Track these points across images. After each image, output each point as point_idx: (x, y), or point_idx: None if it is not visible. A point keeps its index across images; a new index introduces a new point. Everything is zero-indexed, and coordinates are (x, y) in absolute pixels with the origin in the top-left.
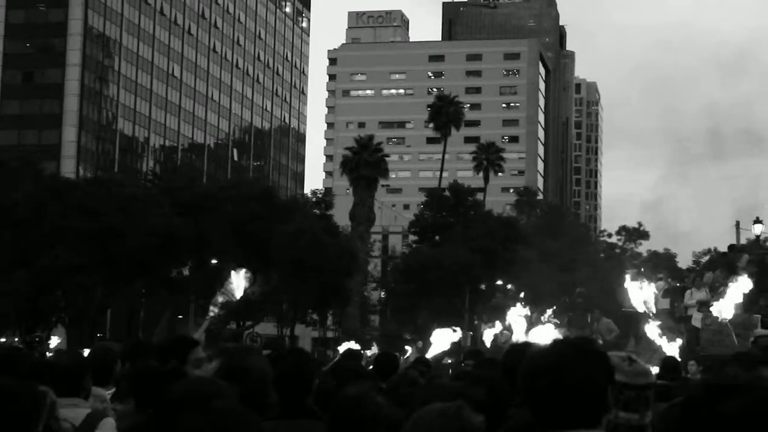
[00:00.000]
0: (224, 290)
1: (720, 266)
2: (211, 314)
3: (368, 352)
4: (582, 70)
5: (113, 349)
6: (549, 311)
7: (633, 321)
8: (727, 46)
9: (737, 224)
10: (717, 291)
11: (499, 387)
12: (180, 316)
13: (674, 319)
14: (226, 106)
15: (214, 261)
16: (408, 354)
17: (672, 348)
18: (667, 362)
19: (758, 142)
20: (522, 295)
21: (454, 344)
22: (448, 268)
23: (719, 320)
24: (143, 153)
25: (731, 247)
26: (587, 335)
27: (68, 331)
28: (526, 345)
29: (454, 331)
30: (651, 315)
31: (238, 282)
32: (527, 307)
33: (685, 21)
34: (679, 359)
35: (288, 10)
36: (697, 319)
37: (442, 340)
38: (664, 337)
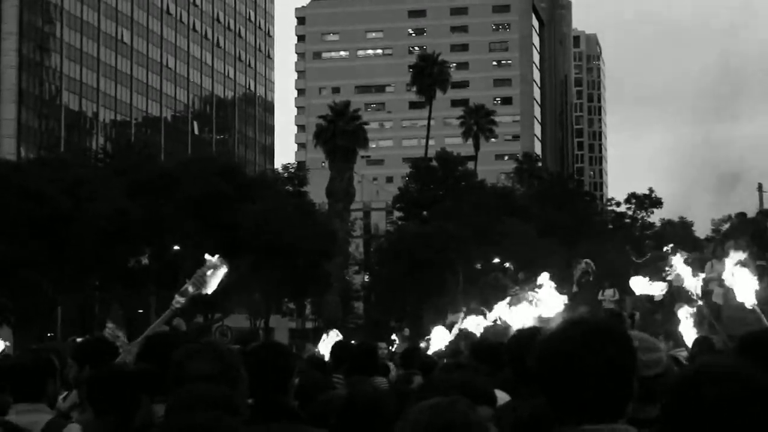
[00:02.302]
0: (196, 279)
1: (743, 234)
2: (177, 305)
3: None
4: (580, 22)
5: (60, 350)
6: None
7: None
8: None
9: (759, 187)
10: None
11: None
12: (140, 311)
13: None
14: (183, 74)
15: (176, 248)
16: (396, 344)
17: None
18: (702, 343)
19: None
20: (521, 274)
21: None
22: (438, 246)
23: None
24: (92, 129)
25: (741, 214)
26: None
27: (15, 332)
28: (535, 329)
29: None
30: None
31: (215, 273)
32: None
33: None
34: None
35: None
36: (718, 295)
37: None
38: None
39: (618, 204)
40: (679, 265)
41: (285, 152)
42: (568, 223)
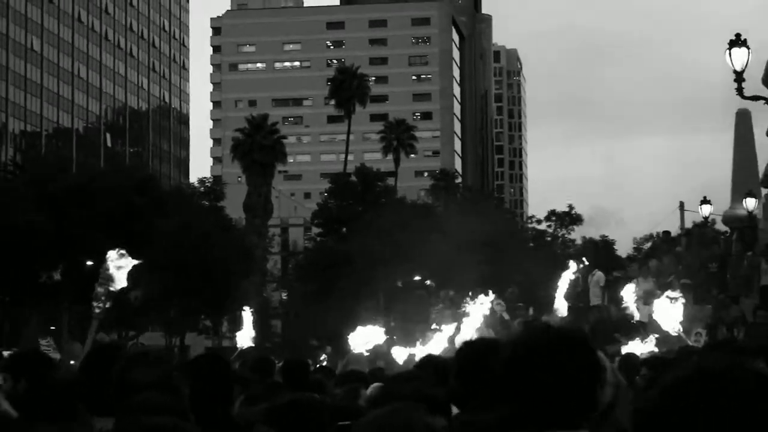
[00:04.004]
0: (101, 278)
1: (667, 252)
2: (97, 311)
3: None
4: (500, 37)
5: None
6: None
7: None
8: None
9: (681, 205)
10: (667, 279)
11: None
12: (52, 327)
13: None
14: (95, 84)
15: (89, 262)
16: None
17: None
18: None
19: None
20: (442, 293)
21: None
22: (358, 263)
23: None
24: (1, 140)
25: (666, 233)
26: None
27: None
28: (486, 341)
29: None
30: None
31: (120, 267)
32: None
33: None
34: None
35: None
36: (644, 313)
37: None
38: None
39: (539, 221)
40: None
41: (200, 166)
42: (489, 241)
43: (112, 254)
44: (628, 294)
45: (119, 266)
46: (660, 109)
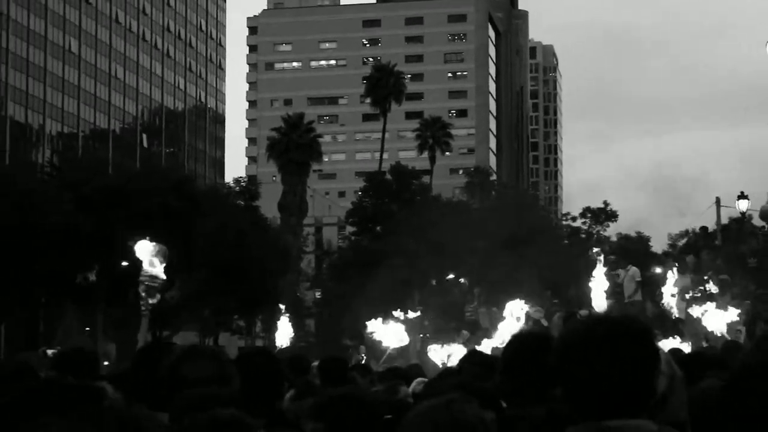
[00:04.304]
0: (143, 276)
1: (704, 247)
2: (144, 310)
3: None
4: (537, 32)
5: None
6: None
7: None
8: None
9: (717, 201)
10: (704, 275)
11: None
12: (87, 328)
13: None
14: (132, 85)
15: (124, 263)
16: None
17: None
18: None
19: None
20: (476, 290)
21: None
22: (394, 262)
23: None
24: (38, 142)
25: (703, 228)
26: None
27: None
28: (530, 334)
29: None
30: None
31: (149, 258)
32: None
33: None
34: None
35: None
36: (681, 309)
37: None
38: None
39: (573, 219)
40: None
41: (236, 166)
42: (524, 239)
43: (142, 246)
44: (667, 290)
45: (154, 264)
46: (696, 104)
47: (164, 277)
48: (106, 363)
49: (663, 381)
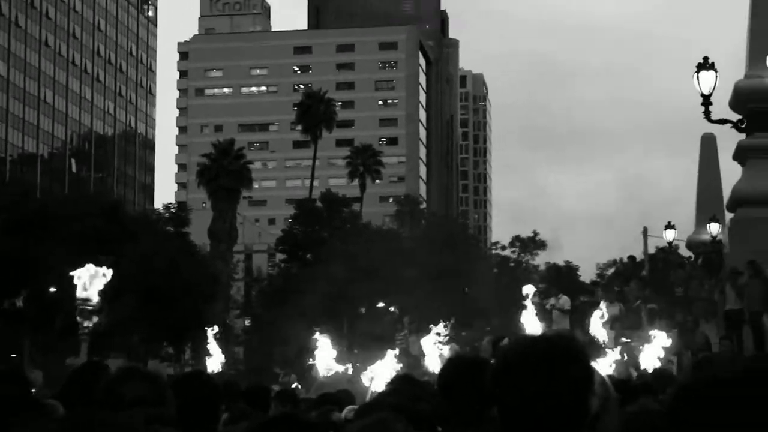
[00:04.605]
0: (78, 300)
1: (632, 277)
2: (82, 334)
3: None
4: (467, 61)
5: None
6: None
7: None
8: (621, 34)
9: (645, 231)
10: (632, 305)
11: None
12: (13, 355)
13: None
14: (61, 109)
15: (52, 289)
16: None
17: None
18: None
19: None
20: (406, 319)
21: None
22: (323, 289)
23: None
24: None
25: (631, 257)
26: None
27: None
28: (464, 358)
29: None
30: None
31: (86, 280)
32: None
33: (567, 8)
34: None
35: None
36: (610, 338)
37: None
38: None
39: (503, 248)
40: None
41: (165, 192)
42: (452, 268)
43: (81, 272)
44: (595, 319)
45: (90, 281)
46: (625, 134)
47: (97, 299)
48: (33, 390)
49: (596, 401)
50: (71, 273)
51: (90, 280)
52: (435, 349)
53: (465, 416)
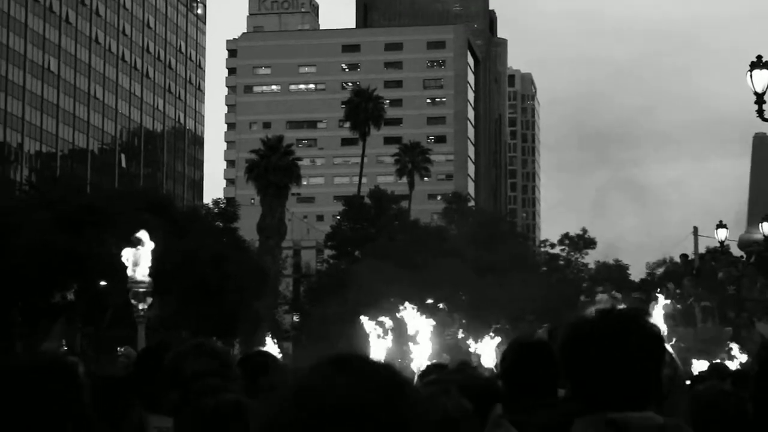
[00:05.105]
0: (130, 283)
1: (684, 275)
2: (139, 317)
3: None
4: (515, 61)
5: None
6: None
7: None
8: (670, 36)
9: (695, 230)
10: (687, 303)
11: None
12: (65, 348)
13: None
14: (111, 105)
15: (102, 283)
16: None
17: None
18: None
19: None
20: (456, 316)
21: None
22: (372, 286)
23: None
24: (16, 160)
25: (684, 256)
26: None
27: None
28: (523, 341)
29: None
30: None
31: (137, 258)
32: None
33: (618, 9)
34: None
35: None
36: (667, 334)
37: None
38: None
39: (552, 245)
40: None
41: (214, 188)
42: (502, 265)
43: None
44: (655, 315)
45: (136, 261)
46: (676, 135)
47: (148, 279)
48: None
49: (665, 380)
50: (121, 254)
51: (137, 259)
52: (490, 346)
53: (529, 399)
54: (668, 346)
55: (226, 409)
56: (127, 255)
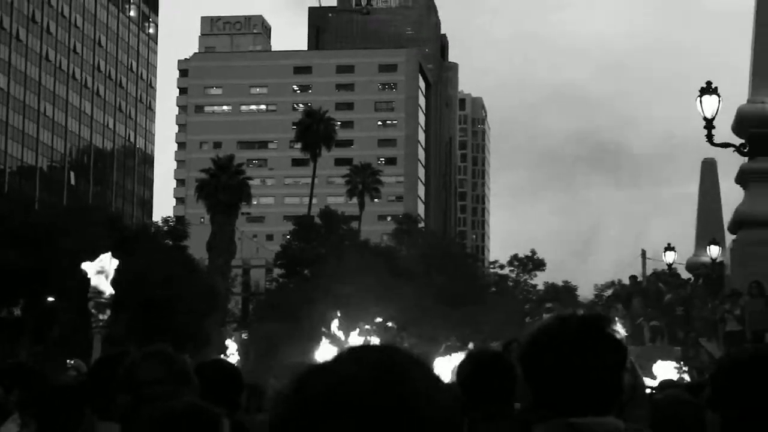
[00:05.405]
0: (90, 293)
1: (633, 296)
2: (96, 327)
3: None
4: (466, 85)
5: None
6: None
7: None
8: (612, 54)
9: (643, 253)
10: (636, 322)
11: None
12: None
13: None
14: (61, 123)
15: (50, 299)
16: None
17: None
18: None
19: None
20: (404, 335)
21: None
22: (321, 305)
23: None
24: None
25: (633, 277)
26: None
27: None
28: (482, 353)
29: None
30: None
31: (99, 268)
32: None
33: (570, 30)
34: None
35: (133, 14)
36: None
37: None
38: None
39: (501, 266)
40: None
41: (163, 207)
42: (451, 286)
43: (90, 265)
44: None
45: (99, 271)
46: (622, 160)
47: (111, 291)
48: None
49: (626, 387)
50: (82, 265)
51: (102, 267)
52: (445, 361)
53: (486, 410)
54: (629, 359)
55: (179, 415)
56: (89, 266)
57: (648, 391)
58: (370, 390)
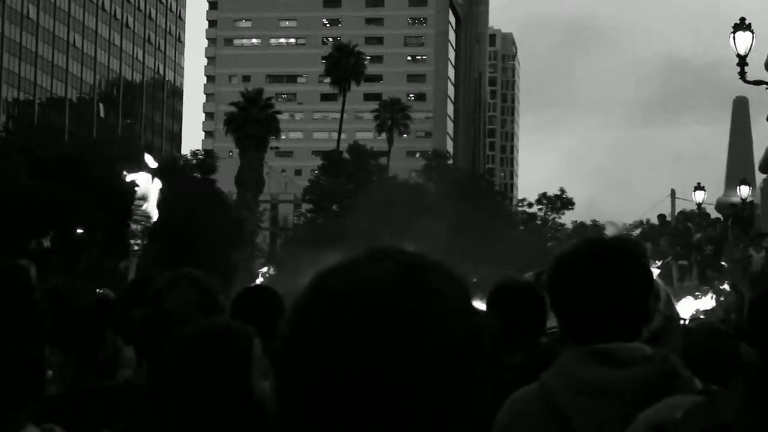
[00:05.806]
0: (137, 215)
1: (662, 235)
2: (135, 248)
3: None
4: (496, 20)
5: None
6: None
7: None
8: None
9: (672, 193)
10: (666, 262)
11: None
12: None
13: None
14: (90, 54)
15: (79, 231)
16: None
17: None
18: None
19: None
20: None
21: None
22: (349, 241)
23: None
24: None
25: (661, 216)
26: None
27: None
28: (509, 280)
29: None
30: None
31: (146, 188)
32: None
33: None
34: None
35: None
36: None
37: None
38: None
39: (530, 205)
40: None
41: (192, 139)
42: (479, 223)
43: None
44: None
45: (148, 201)
46: (653, 98)
47: (156, 217)
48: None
49: (659, 318)
50: (129, 176)
51: (148, 189)
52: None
53: (516, 341)
54: (662, 290)
55: (209, 333)
56: (136, 178)
57: (681, 323)
58: (394, 296)
